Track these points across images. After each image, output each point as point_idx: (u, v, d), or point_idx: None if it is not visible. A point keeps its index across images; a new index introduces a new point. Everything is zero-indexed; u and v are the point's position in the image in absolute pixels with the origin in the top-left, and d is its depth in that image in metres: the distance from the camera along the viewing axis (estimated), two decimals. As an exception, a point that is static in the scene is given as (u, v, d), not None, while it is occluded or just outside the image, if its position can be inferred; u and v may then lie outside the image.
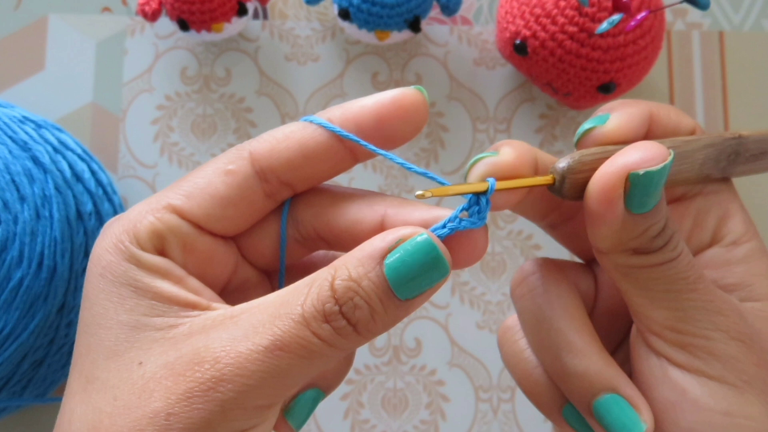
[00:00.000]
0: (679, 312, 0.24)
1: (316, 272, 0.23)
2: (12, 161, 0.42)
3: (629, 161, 0.23)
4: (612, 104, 0.26)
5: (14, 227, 0.41)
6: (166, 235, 0.24)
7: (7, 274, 0.41)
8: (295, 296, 0.22)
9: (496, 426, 0.49)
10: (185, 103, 0.52)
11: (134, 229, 0.24)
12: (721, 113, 0.53)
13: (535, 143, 0.52)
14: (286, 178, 0.24)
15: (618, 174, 0.23)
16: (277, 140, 0.24)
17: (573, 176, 0.24)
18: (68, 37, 0.53)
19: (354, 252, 0.22)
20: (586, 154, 0.24)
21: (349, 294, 0.22)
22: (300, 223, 0.26)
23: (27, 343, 0.42)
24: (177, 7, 0.48)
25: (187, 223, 0.24)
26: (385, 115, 0.24)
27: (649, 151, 0.23)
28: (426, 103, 0.24)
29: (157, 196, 0.24)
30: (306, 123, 0.24)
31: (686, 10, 0.54)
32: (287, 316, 0.21)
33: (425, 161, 0.52)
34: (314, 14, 0.53)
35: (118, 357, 0.22)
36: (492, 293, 0.50)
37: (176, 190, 0.24)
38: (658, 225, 0.24)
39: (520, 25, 0.46)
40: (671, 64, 0.53)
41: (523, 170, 0.24)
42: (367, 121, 0.24)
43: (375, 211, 0.24)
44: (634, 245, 0.24)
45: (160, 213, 0.24)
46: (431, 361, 0.50)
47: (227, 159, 0.24)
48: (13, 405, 0.45)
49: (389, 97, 0.24)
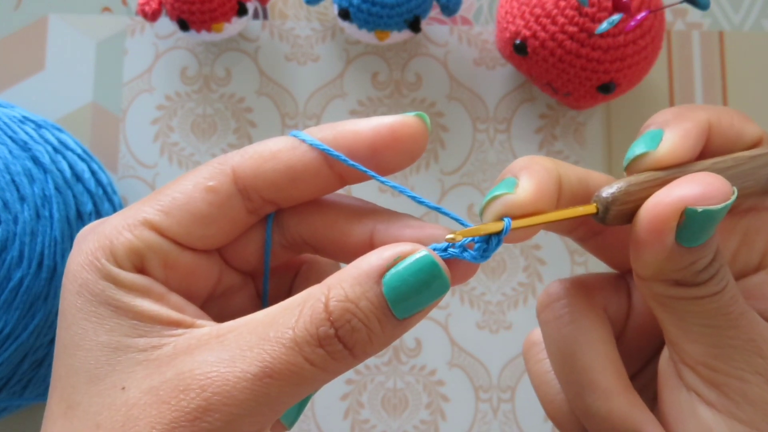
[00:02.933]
0: (716, 349, 0.23)
1: (306, 290, 0.21)
2: (12, 161, 0.42)
3: (688, 195, 0.21)
4: (665, 116, 0.24)
5: (14, 227, 0.41)
6: (145, 252, 0.22)
7: (7, 274, 0.41)
8: (285, 317, 0.21)
9: (496, 426, 0.49)
10: (185, 103, 0.52)
11: (111, 246, 0.22)
12: (721, 113, 0.53)
13: (535, 143, 0.52)
14: (270, 197, 0.23)
15: (674, 207, 0.21)
16: (263, 159, 0.23)
17: (617, 207, 0.22)
18: (68, 37, 0.53)
19: (349, 269, 0.21)
20: (634, 183, 0.22)
21: (346, 316, 0.20)
22: (286, 229, 0.25)
23: (27, 343, 0.42)
24: (177, 7, 0.48)
25: (166, 240, 0.23)
26: (381, 144, 0.23)
27: (710, 187, 0.21)
28: (426, 132, 0.23)
29: (134, 210, 0.23)
30: (294, 141, 0.23)
31: (686, 10, 0.54)
32: (277, 340, 0.20)
33: (425, 161, 0.52)
34: (314, 14, 0.53)
35: (99, 381, 0.21)
36: (492, 293, 0.50)
37: (153, 204, 0.23)
38: (706, 259, 0.22)
39: (520, 25, 0.46)
40: (671, 64, 0.53)
41: (544, 205, 0.22)
42: (360, 149, 0.23)
43: (364, 225, 0.23)
44: (677, 277, 0.22)
45: (138, 230, 0.22)
46: (431, 361, 0.50)
47: (208, 174, 0.23)
48: (14, 405, 0.45)
49: (387, 126, 0.23)
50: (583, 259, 0.51)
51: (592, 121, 0.52)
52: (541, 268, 0.51)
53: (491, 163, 0.52)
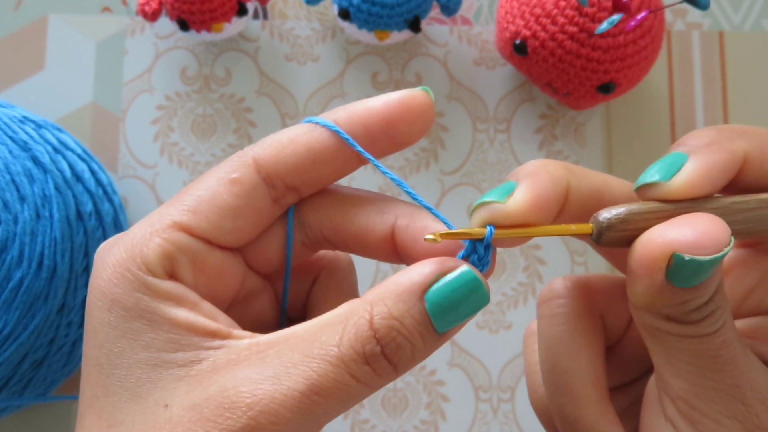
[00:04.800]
0: (698, 388, 0.22)
1: (346, 306, 0.21)
2: (12, 161, 0.42)
3: (678, 241, 0.20)
4: (698, 140, 0.22)
5: (14, 227, 0.41)
6: (177, 256, 0.22)
7: (7, 274, 0.41)
8: (327, 334, 0.21)
9: (496, 426, 0.49)
10: (185, 103, 0.52)
11: (141, 254, 0.22)
12: (720, 113, 0.53)
13: (535, 143, 0.52)
14: (293, 182, 0.23)
15: (663, 249, 0.20)
16: (282, 144, 0.23)
17: (611, 234, 0.22)
18: (68, 37, 0.53)
19: (390, 285, 0.21)
20: (635, 212, 0.21)
21: (392, 334, 0.20)
22: (307, 226, 0.25)
23: (27, 343, 0.42)
24: (177, 7, 0.48)
25: (196, 240, 0.22)
26: (393, 117, 0.23)
27: (704, 235, 0.20)
28: (432, 105, 0.24)
29: (159, 215, 0.23)
30: (311, 125, 0.24)
31: (686, 10, 0.54)
32: (322, 358, 0.20)
33: (425, 161, 0.52)
34: (314, 14, 0.53)
35: (141, 399, 0.21)
36: (492, 293, 0.50)
37: (178, 206, 0.23)
38: (699, 299, 0.21)
39: (520, 25, 0.46)
40: (671, 64, 0.53)
41: (536, 219, 0.22)
42: (374, 123, 0.23)
43: (385, 220, 0.24)
44: (668, 312, 0.21)
45: (167, 233, 0.22)
46: (431, 361, 0.50)
47: (230, 167, 0.23)
48: (14, 405, 0.45)
49: (396, 99, 0.23)
50: (583, 259, 0.51)
51: (592, 121, 0.52)
52: (541, 268, 0.51)
53: (491, 163, 0.52)
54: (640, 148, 0.52)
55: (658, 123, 0.52)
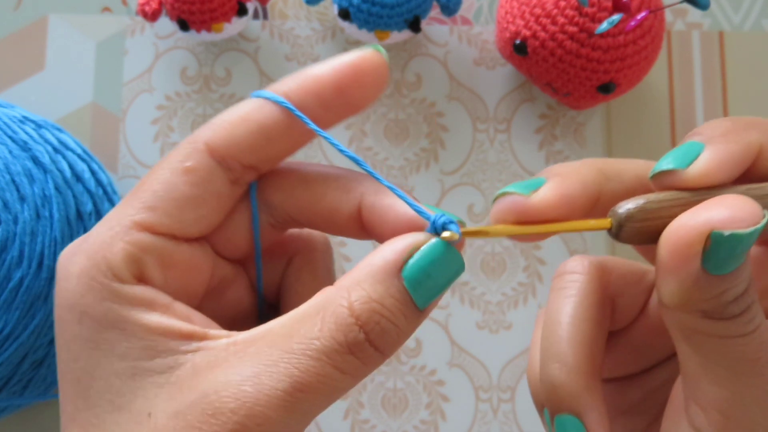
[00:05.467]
0: (735, 395, 0.21)
1: (319, 295, 0.21)
2: (12, 161, 0.42)
3: (714, 218, 0.19)
4: (714, 130, 0.22)
5: (14, 227, 0.41)
6: (142, 257, 0.21)
7: (7, 274, 0.41)
8: (305, 327, 0.20)
9: (496, 426, 0.49)
10: (185, 103, 0.52)
11: (105, 260, 0.21)
12: (720, 113, 0.53)
13: (535, 143, 0.52)
14: (249, 161, 0.23)
15: (699, 230, 0.19)
16: (232, 125, 0.22)
17: (632, 225, 0.21)
18: (68, 37, 0.53)
19: (362, 269, 0.21)
20: (653, 200, 0.21)
21: (375, 317, 0.20)
22: (272, 207, 0.24)
23: (27, 343, 0.42)
24: (177, 7, 0.48)
25: (160, 237, 0.22)
26: (346, 82, 0.22)
27: (739, 211, 0.19)
28: (386, 64, 0.22)
29: (116, 216, 0.22)
30: (261, 101, 0.23)
31: (686, 10, 0.54)
32: (303, 353, 0.20)
33: (425, 161, 0.52)
34: (314, 14, 0.53)
35: (123, 410, 0.20)
36: (492, 293, 0.50)
37: (135, 204, 0.22)
38: (736, 290, 0.20)
39: (520, 25, 0.46)
40: (671, 64, 0.53)
41: (557, 217, 0.21)
42: (327, 91, 0.22)
43: (351, 198, 0.23)
44: (705, 307, 0.20)
45: (129, 235, 0.21)
46: (431, 361, 0.50)
47: (182, 155, 0.22)
48: (14, 404, 0.45)
49: (348, 64, 0.22)
50: (583, 259, 0.51)
51: (592, 121, 0.52)
52: (541, 268, 0.51)
53: (491, 163, 0.52)
54: (640, 148, 0.52)
55: (658, 123, 0.52)
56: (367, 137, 0.52)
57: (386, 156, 0.52)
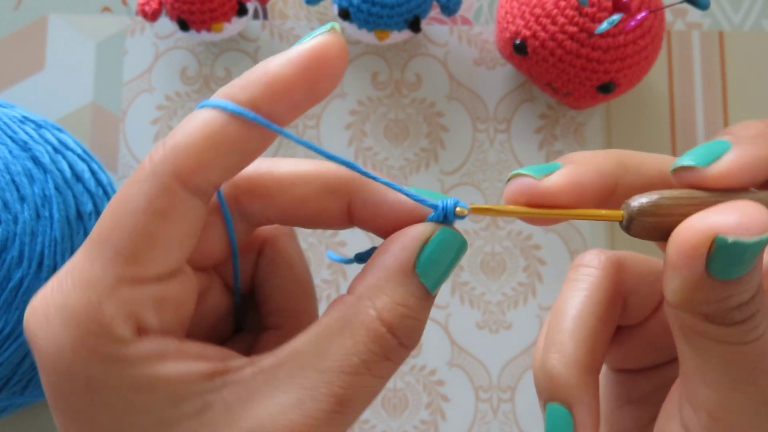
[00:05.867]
0: (726, 400, 0.21)
1: (339, 309, 0.21)
2: (12, 161, 0.42)
3: (720, 223, 0.19)
4: (746, 131, 0.21)
5: (14, 227, 0.41)
6: (137, 311, 0.20)
7: (7, 274, 0.41)
8: (336, 344, 0.20)
9: (496, 426, 0.49)
10: (185, 103, 0.52)
11: (100, 326, 0.19)
12: (720, 113, 0.53)
13: (535, 143, 0.52)
14: (223, 180, 0.21)
15: (704, 233, 0.19)
16: (200, 149, 0.19)
17: (644, 219, 0.21)
18: (68, 37, 0.53)
19: (379, 273, 0.21)
20: (667, 197, 0.21)
21: (405, 321, 0.20)
22: (250, 216, 0.23)
23: (27, 343, 0.42)
24: (177, 7, 0.48)
25: (148, 285, 0.20)
26: (315, 79, 0.20)
27: (747, 218, 0.19)
28: (346, 43, 0.20)
29: (92, 274, 0.19)
30: (226, 115, 0.20)
31: (686, 10, 0.54)
32: (342, 370, 0.20)
33: (425, 161, 0.52)
34: (314, 14, 0.53)
35: None
36: (492, 293, 0.50)
37: (112, 257, 0.19)
38: (740, 297, 0.20)
39: (520, 25, 0.46)
40: (671, 64, 0.53)
41: (568, 204, 0.21)
42: (298, 94, 0.20)
43: (338, 198, 0.22)
44: (707, 310, 0.20)
45: (118, 294, 0.19)
46: (431, 361, 0.50)
47: (150, 194, 0.19)
48: (14, 404, 0.45)
49: (314, 57, 0.20)
50: (583, 259, 0.51)
51: (592, 121, 0.52)
52: (541, 268, 0.51)
53: (491, 163, 0.52)
54: (640, 148, 0.52)
55: (658, 123, 0.52)
56: (367, 137, 0.52)
57: (386, 156, 0.52)
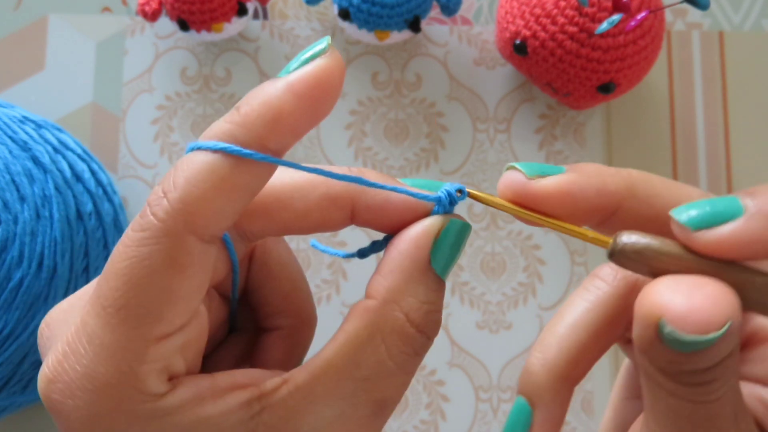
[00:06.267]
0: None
1: (362, 315, 0.21)
2: (12, 161, 0.42)
3: (665, 305, 0.18)
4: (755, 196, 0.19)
5: (14, 227, 0.41)
6: (168, 365, 0.20)
7: (7, 274, 0.41)
8: (367, 352, 0.20)
9: (496, 426, 0.49)
10: (185, 103, 0.52)
11: (139, 389, 0.19)
12: (720, 113, 0.53)
13: (535, 143, 0.52)
14: (233, 221, 0.20)
15: (647, 310, 0.18)
16: (212, 200, 0.19)
17: (623, 260, 0.20)
18: (68, 37, 0.53)
19: (398, 275, 0.21)
20: (654, 248, 0.20)
21: (430, 317, 0.21)
22: (250, 235, 0.23)
23: (27, 343, 0.42)
24: (177, 7, 0.48)
25: (177, 336, 0.20)
26: (318, 107, 0.19)
27: (695, 311, 0.17)
28: (343, 63, 0.20)
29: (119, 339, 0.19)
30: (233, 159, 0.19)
31: (686, 10, 0.54)
32: (378, 377, 0.20)
33: (425, 161, 0.52)
34: (314, 14, 0.53)
35: None
36: (492, 293, 0.50)
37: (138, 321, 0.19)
38: (693, 366, 0.18)
39: (520, 25, 0.46)
40: (671, 64, 0.53)
41: (553, 211, 0.21)
42: (301, 126, 0.20)
43: (341, 207, 0.22)
44: (663, 366, 0.19)
45: (151, 353, 0.19)
46: (431, 361, 0.50)
47: (166, 256, 0.19)
48: (15, 404, 0.45)
49: (316, 85, 0.19)
50: (583, 259, 0.51)
51: (592, 121, 0.52)
52: (541, 268, 0.51)
53: (491, 163, 0.52)
54: (640, 148, 0.52)
55: (658, 123, 0.52)
56: (367, 137, 0.52)
57: (386, 156, 0.52)
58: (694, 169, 0.52)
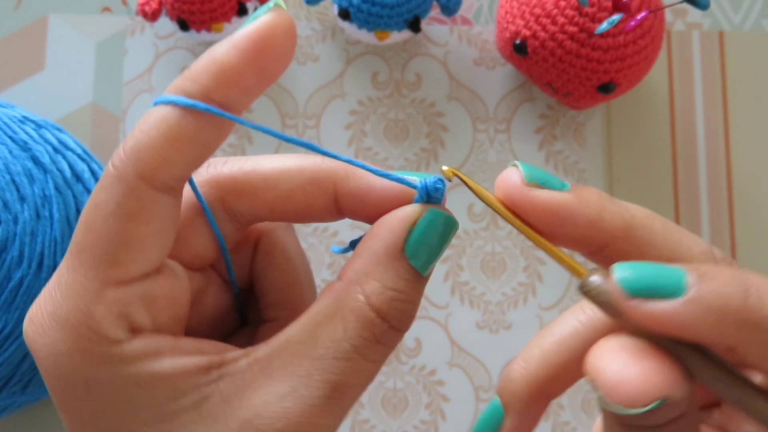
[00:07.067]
0: None
1: (329, 295, 0.21)
2: (12, 161, 0.42)
3: (600, 370, 0.18)
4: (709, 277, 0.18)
5: (14, 227, 0.41)
6: (127, 311, 0.20)
7: (7, 274, 0.41)
8: (327, 331, 0.20)
9: (496, 426, 0.49)
10: (185, 103, 0.52)
11: (92, 330, 0.19)
12: (720, 113, 0.53)
13: (535, 143, 0.52)
14: (188, 174, 0.21)
15: (588, 371, 0.18)
16: (159, 147, 0.19)
17: (586, 296, 0.20)
18: (68, 37, 0.53)
19: (367, 258, 0.21)
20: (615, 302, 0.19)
21: (394, 305, 0.20)
22: (238, 215, 0.23)
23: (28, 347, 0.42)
24: (177, 7, 0.48)
25: (133, 284, 0.20)
26: (265, 62, 0.20)
27: (624, 383, 0.17)
28: (292, 20, 0.20)
29: (76, 282, 0.20)
30: (180, 109, 0.20)
31: (686, 10, 0.54)
32: (333, 357, 0.20)
33: (425, 161, 0.52)
34: (314, 14, 0.53)
35: None
36: (492, 293, 0.50)
37: (92, 263, 0.20)
38: (642, 423, 0.18)
39: (520, 25, 0.46)
40: (671, 64, 0.53)
41: (536, 220, 0.21)
42: (249, 79, 0.20)
43: (324, 190, 0.22)
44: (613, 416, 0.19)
45: (104, 297, 0.20)
46: (431, 361, 0.50)
47: (117, 197, 0.19)
48: (15, 404, 0.45)
49: (262, 39, 0.19)
50: (582, 260, 0.51)
51: (592, 121, 0.52)
52: (541, 268, 0.51)
53: (491, 163, 0.52)
54: (640, 148, 0.52)
55: (658, 123, 0.52)
56: (367, 137, 0.52)
57: (386, 156, 0.52)
58: (694, 169, 0.52)
